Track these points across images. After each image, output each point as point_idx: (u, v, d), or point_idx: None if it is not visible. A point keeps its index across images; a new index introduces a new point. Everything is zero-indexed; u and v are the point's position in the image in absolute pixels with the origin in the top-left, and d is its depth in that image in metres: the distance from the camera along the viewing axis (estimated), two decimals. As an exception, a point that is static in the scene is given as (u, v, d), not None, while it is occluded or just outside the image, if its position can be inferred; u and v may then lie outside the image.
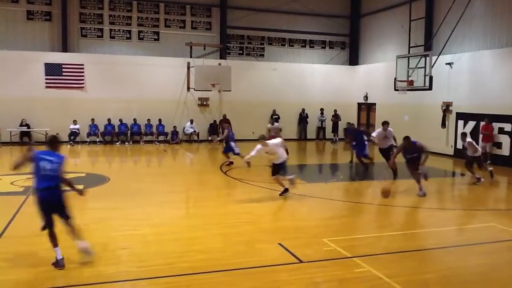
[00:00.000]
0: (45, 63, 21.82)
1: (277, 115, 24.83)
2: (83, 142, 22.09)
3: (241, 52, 25.94)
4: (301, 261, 6.46)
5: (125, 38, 23.83)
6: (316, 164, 18.14)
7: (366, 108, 25.88)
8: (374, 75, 24.72)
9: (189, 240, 7.51)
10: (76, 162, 17.10)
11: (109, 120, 22.47)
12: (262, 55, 26.15)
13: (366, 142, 15.20)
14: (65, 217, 6.32)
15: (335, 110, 25.63)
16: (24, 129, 21.29)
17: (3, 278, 5.78)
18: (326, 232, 8.02)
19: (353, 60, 27.22)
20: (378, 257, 6.70)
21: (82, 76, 22.32)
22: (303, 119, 25.78)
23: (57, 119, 21.54)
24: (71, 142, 21.40)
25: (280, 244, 7.15)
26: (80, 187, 7.55)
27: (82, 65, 22.28)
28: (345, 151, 19.73)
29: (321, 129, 25.97)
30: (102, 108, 22.34)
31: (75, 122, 21.86)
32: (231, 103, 24.20)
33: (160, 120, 23.28)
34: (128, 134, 22.85)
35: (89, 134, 22.21)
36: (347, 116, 25.07)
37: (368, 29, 26.28)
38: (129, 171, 15.81)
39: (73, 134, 21.69)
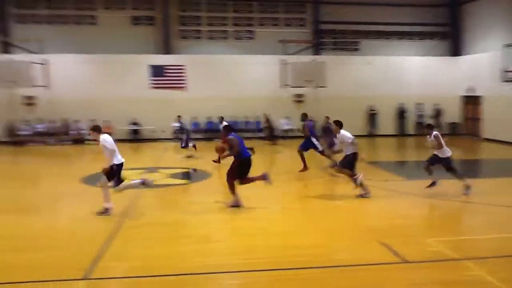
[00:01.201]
0: (149, 65, 23.29)
1: (374, 110, 24.33)
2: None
3: (334, 47, 25.73)
4: (405, 261, 6.35)
5: (222, 38, 24.69)
6: (415, 161, 17.54)
7: (471, 101, 24.35)
8: (478, 66, 23.24)
9: (289, 235, 7.67)
10: (181, 158, 18.08)
11: (209, 118, 23.46)
12: (357, 49, 25.72)
13: None
14: None
15: (436, 105, 24.52)
16: (134, 127, 22.94)
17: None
18: (429, 231, 7.81)
19: (454, 50, 25.81)
20: (488, 260, 6.41)
21: (184, 76, 23.50)
22: (401, 114, 25.00)
23: (162, 118, 22.86)
24: (176, 140, 22.64)
25: (381, 242, 7.09)
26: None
27: (184, 66, 23.46)
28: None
29: (420, 124, 25.00)
30: (202, 106, 23.34)
31: (177, 121, 23.07)
32: (326, 99, 24.07)
33: (257, 117, 23.85)
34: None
35: (191, 131, 23.34)
36: (449, 111, 23.91)
37: (469, 17, 24.77)
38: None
39: (176, 132, 22.93)
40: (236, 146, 9.09)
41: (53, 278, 5.79)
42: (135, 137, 23.18)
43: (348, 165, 10.18)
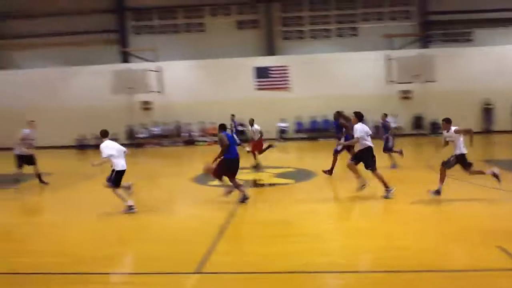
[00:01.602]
0: (254, 67, 23.92)
1: (489, 104, 22.67)
2: (291, 138, 23.56)
3: (444, 39, 24.41)
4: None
5: (324, 36, 24.61)
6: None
7: None
8: None
9: (395, 236, 7.45)
10: (285, 158, 18.39)
11: (313, 117, 23.52)
12: (469, 40, 24.14)
13: None
14: None
15: None
16: (239, 128, 23.71)
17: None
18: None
19: None
20: None
21: (287, 76, 23.80)
22: (521, 107, 23.04)
23: (266, 118, 23.36)
24: (280, 139, 23.10)
25: (499, 246, 6.64)
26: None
27: (287, 66, 23.76)
28: None
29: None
30: (306, 106, 23.47)
31: (283, 120, 23.50)
32: (435, 94, 22.97)
33: (361, 115, 23.41)
34: (332, 130, 23.51)
35: (295, 131, 23.63)
36: None
37: None
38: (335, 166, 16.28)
39: (282, 132, 23.36)
40: (226, 144, 9.70)
41: (170, 270, 6.26)
42: (241, 137, 23.90)
43: (356, 159, 10.06)
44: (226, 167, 9.89)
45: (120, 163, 9.58)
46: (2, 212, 10.62)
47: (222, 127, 10.40)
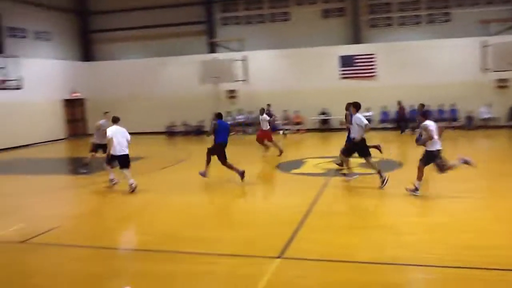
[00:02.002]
0: (339, 56, 23.62)
1: None
2: (376, 128, 23.06)
3: (551, 21, 22.48)
4: None
5: (414, 23, 23.67)
6: None
7: None
8: None
9: (476, 233, 7.13)
10: (370, 148, 18.03)
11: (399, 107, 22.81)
12: None
13: None
14: None
15: None
16: (323, 117, 23.65)
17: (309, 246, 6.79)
18: None
19: None
20: None
21: (373, 65, 23.25)
22: None
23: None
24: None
25: None
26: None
27: (373, 54, 23.20)
28: None
29: None
30: (393, 95, 22.79)
31: (367, 110, 23.03)
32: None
33: (453, 105, 22.34)
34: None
35: (381, 121, 23.09)
36: None
37: None
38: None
39: (367, 121, 22.94)
40: (211, 128, 11.65)
41: (254, 254, 6.52)
42: (324, 126, 23.87)
43: (347, 150, 10.49)
44: (216, 149, 11.44)
45: (116, 148, 10.80)
46: (103, 194, 11.53)
47: (218, 115, 11.81)
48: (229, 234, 7.53)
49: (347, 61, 23.59)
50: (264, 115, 15.85)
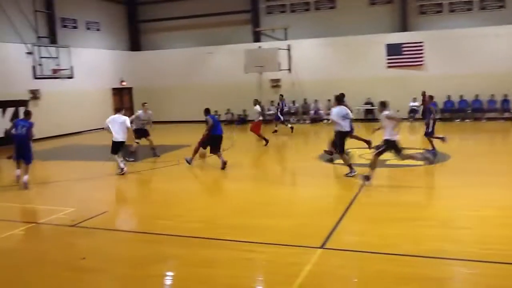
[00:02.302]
0: (386, 44, 23.09)
1: None
2: (422, 119, 22.49)
3: None
4: None
5: (465, 9, 22.77)
6: None
7: None
8: None
9: None
10: (416, 139, 17.63)
11: (448, 96, 22.15)
12: None
13: None
14: None
15: None
16: (368, 107, 23.25)
17: (365, 239, 6.74)
18: None
19: None
20: None
21: (422, 53, 22.60)
22: None
23: (397, 97, 22.54)
24: (410, 119, 22.20)
25: None
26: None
27: (422, 42, 22.54)
28: None
29: None
30: (441, 84, 22.12)
31: (414, 100, 22.49)
32: None
33: (505, 95, 21.45)
34: (469, 111, 21.98)
35: (427, 111, 22.48)
36: None
37: None
38: (470, 150, 15.33)
39: (413, 111, 22.41)
40: (210, 124, 12.29)
41: (296, 243, 6.55)
42: (369, 116, 23.47)
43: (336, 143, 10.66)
44: (211, 141, 12.28)
45: (114, 135, 12.01)
46: (148, 181, 11.86)
47: (207, 110, 12.82)
48: (271, 223, 7.58)
49: (394, 50, 23.02)
50: (257, 107, 16.27)
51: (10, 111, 19.00)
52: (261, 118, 16.52)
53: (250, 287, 5.46)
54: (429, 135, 13.56)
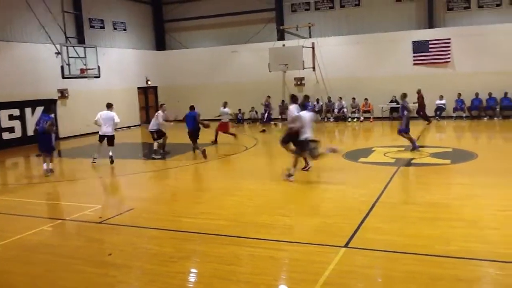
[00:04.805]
0: (412, 41, 22.75)
1: None
2: (449, 117, 22.13)
3: None
4: None
5: (494, 5, 22.25)
6: None
7: None
8: None
9: None
10: (443, 137, 17.38)
11: (476, 94, 21.71)
12: None
13: None
14: None
15: None
16: (393, 105, 22.95)
17: (380, 237, 6.68)
18: None
19: None
20: None
21: (449, 50, 22.20)
22: None
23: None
24: (437, 117, 21.84)
25: None
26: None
27: (449, 39, 22.14)
28: None
29: None
30: (469, 82, 21.71)
31: (441, 97, 22.12)
32: None
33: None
34: (498, 109, 21.50)
35: (455, 109, 22.08)
36: None
37: None
38: (497, 148, 15.00)
39: (439, 109, 22.05)
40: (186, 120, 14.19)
41: (320, 242, 6.54)
42: (394, 115, 23.16)
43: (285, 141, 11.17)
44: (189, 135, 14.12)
45: (102, 129, 13.37)
46: (172, 178, 11.99)
47: (191, 107, 14.41)
48: (295, 222, 7.58)
49: (420, 47, 22.68)
50: (226, 109, 16.97)
51: (39, 110, 19.46)
52: (229, 119, 17.38)
53: (274, 285, 5.47)
54: (403, 131, 13.44)
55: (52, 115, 12.91)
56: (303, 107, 11.31)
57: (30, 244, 7.00)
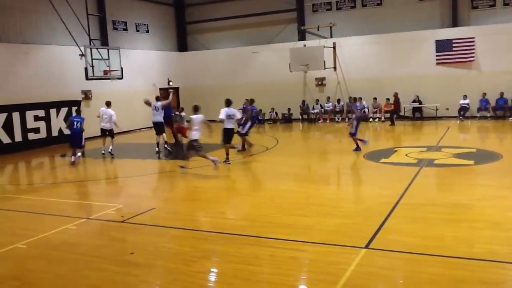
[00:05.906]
0: (436, 40, 22.44)
1: None
2: (473, 117, 21.76)
3: None
4: None
5: (521, 3, 21.79)
6: None
7: None
8: None
9: None
10: (466, 138, 17.09)
11: (501, 94, 21.29)
12: None
13: None
14: None
15: None
16: (416, 105, 22.68)
17: (400, 239, 6.61)
18: None
19: None
20: None
21: (473, 49, 21.82)
22: None
23: (447, 95, 21.94)
24: (460, 117, 21.50)
25: None
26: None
27: (473, 38, 21.76)
28: None
29: None
30: (493, 81, 21.31)
31: (465, 97, 21.76)
32: None
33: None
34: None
35: (479, 109, 21.69)
36: None
37: None
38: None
39: (463, 109, 21.68)
40: None
41: (340, 243, 6.50)
42: (417, 115, 22.91)
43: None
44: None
45: (101, 124, 15.36)
46: (194, 179, 12.07)
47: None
48: (315, 222, 7.56)
49: (444, 46, 22.34)
50: (183, 113, 17.22)
51: (63, 111, 19.83)
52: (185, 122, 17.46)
53: (293, 286, 5.46)
54: (352, 135, 13.97)
55: (83, 116, 15.03)
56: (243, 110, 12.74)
57: (54, 243, 7.14)
